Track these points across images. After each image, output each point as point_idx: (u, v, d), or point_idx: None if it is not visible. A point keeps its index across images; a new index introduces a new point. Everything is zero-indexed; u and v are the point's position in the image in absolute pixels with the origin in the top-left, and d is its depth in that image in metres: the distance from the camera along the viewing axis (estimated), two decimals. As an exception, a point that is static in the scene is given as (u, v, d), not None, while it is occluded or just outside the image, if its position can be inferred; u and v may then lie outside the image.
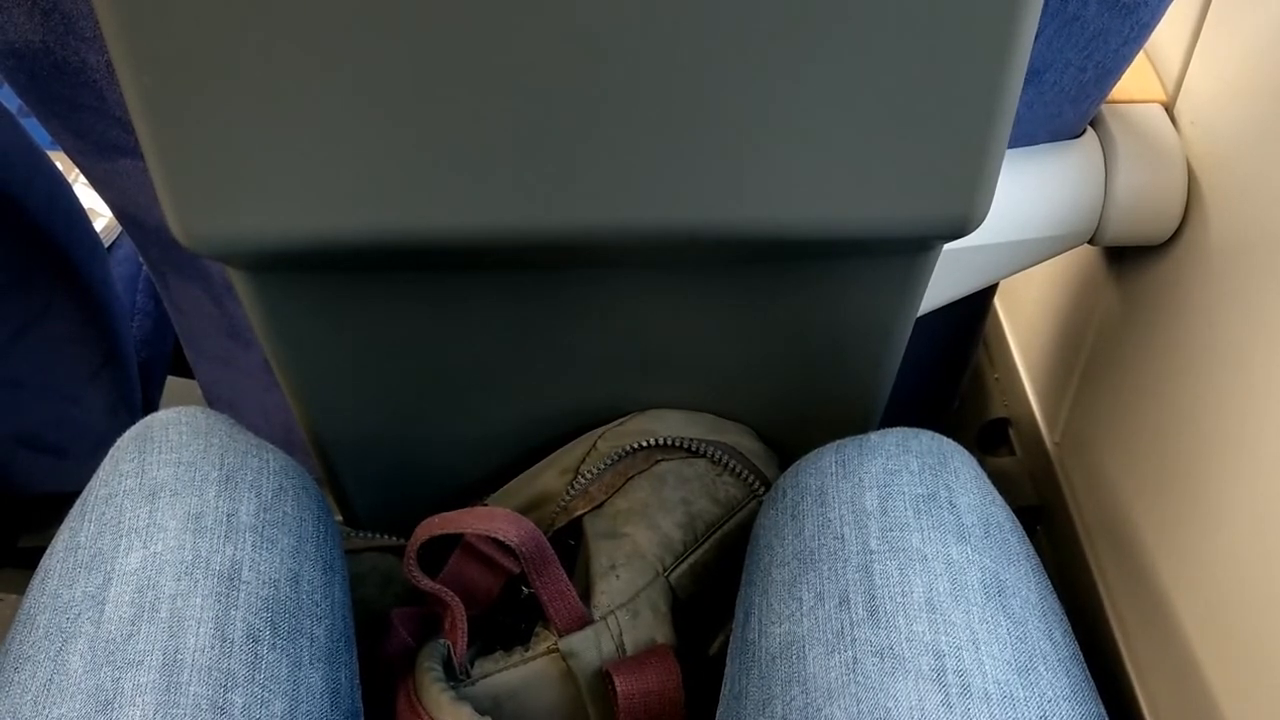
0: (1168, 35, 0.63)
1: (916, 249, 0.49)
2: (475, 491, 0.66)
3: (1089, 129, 0.61)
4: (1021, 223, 0.60)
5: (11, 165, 0.64)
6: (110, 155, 0.54)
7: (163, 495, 0.49)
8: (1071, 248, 0.63)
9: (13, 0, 0.44)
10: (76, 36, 0.45)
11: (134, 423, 0.53)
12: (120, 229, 0.87)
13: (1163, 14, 0.51)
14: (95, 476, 0.51)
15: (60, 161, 0.75)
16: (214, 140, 0.41)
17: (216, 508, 0.49)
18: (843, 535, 0.49)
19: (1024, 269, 0.63)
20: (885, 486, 0.50)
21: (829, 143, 0.42)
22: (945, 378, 0.82)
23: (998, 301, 0.97)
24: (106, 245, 0.85)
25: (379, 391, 0.58)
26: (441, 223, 0.44)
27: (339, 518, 0.68)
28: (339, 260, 0.47)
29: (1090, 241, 0.63)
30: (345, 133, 0.41)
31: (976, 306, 0.76)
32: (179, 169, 0.41)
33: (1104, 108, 0.61)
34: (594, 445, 0.63)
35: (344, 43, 0.39)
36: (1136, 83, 0.64)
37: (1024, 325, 0.92)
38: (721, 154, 0.42)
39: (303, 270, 0.49)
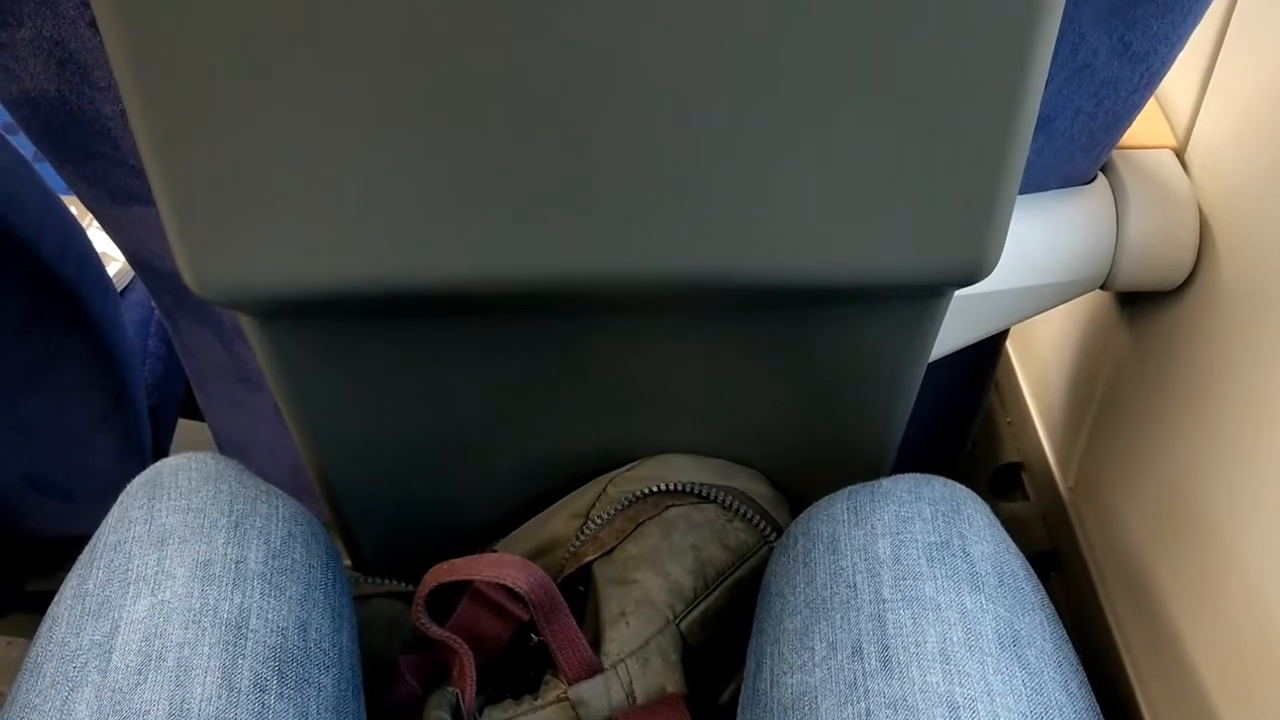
0: (1178, 81, 0.63)
1: (928, 295, 0.49)
2: (484, 536, 0.66)
3: (1100, 174, 0.61)
4: (1033, 268, 0.59)
5: (25, 210, 0.65)
6: (124, 202, 0.54)
7: (171, 542, 0.48)
8: (1084, 293, 0.63)
9: (29, 50, 0.44)
10: (91, 86, 0.46)
11: (144, 466, 0.53)
12: (133, 273, 0.87)
13: (1173, 62, 0.51)
14: (104, 523, 0.51)
15: (74, 206, 0.76)
16: (226, 189, 0.41)
17: (225, 555, 0.48)
18: (855, 584, 0.49)
19: (1036, 314, 0.63)
20: (898, 534, 0.50)
21: (840, 190, 0.42)
22: (958, 422, 0.81)
23: (1010, 345, 0.97)
24: (119, 289, 0.85)
25: (388, 436, 0.58)
26: (451, 271, 0.44)
27: (347, 562, 0.67)
28: (349, 307, 0.47)
29: (1102, 287, 0.63)
30: (355, 182, 0.41)
31: (988, 350, 0.76)
32: (191, 217, 0.41)
33: (1115, 153, 0.61)
34: (604, 490, 0.62)
35: (354, 95, 0.39)
36: (1147, 128, 0.64)
37: (1036, 369, 0.91)
38: (732, 203, 0.42)
39: (312, 316, 0.49)
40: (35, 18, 0.42)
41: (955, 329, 0.61)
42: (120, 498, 0.52)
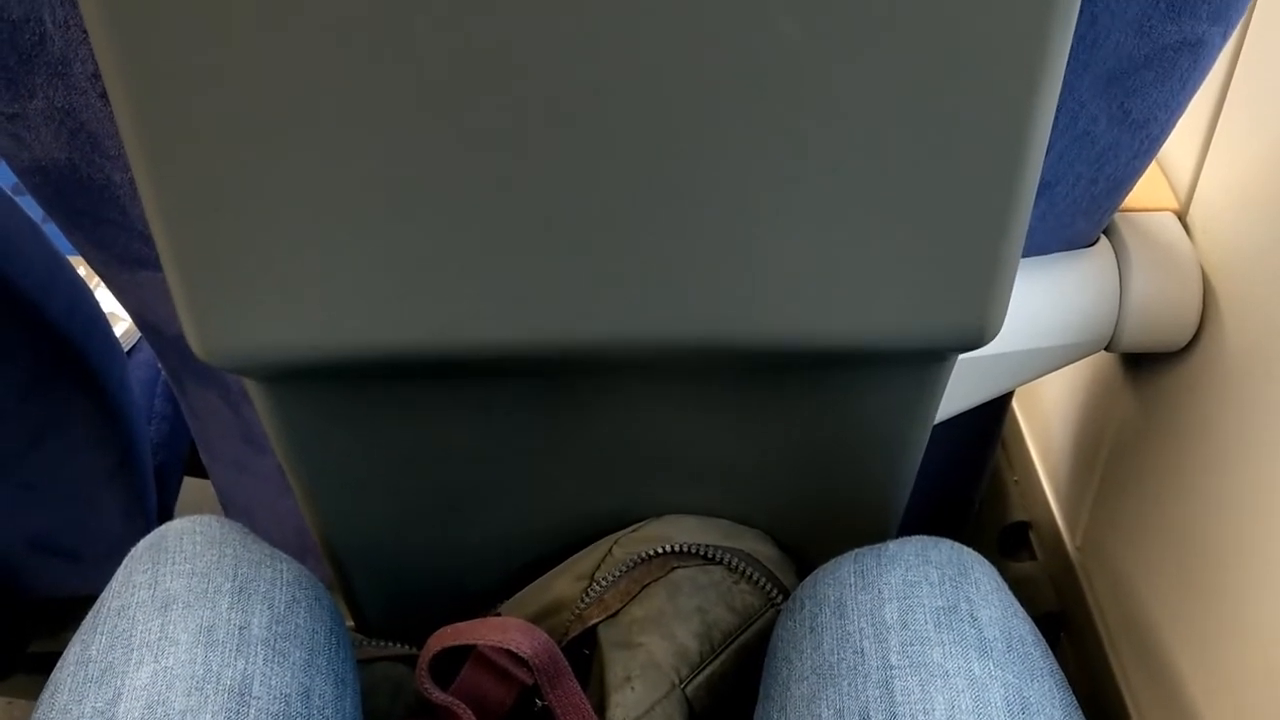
0: (1178, 144, 0.64)
1: (932, 360, 0.49)
2: (489, 597, 0.66)
3: (1102, 237, 0.61)
4: (1037, 331, 0.60)
5: (33, 271, 0.65)
6: (131, 267, 0.54)
7: (175, 607, 0.48)
8: (1088, 355, 0.63)
9: (41, 120, 0.45)
10: (102, 154, 0.46)
11: (149, 526, 0.53)
12: (140, 334, 0.88)
13: (1173, 128, 0.51)
14: (109, 587, 0.51)
15: (81, 266, 0.76)
16: (233, 257, 0.41)
17: (229, 620, 0.48)
18: (862, 650, 0.48)
19: (1040, 376, 0.63)
20: (905, 599, 0.50)
21: (842, 256, 0.42)
22: (964, 481, 0.81)
23: (1015, 403, 0.97)
24: (126, 349, 0.85)
25: (392, 498, 0.58)
26: (455, 337, 0.44)
27: (350, 623, 0.67)
28: (354, 371, 0.47)
29: (1107, 348, 0.63)
30: (360, 250, 0.41)
31: (994, 410, 0.75)
32: (198, 285, 0.42)
33: (1117, 216, 0.62)
34: (609, 551, 0.62)
35: (359, 165, 0.39)
36: (1149, 191, 0.64)
37: (1042, 427, 0.91)
38: (735, 269, 0.43)
39: (317, 380, 0.50)
40: (47, 89, 0.43)
41: (960, 392, 0.61)
42: (125, 561, 0.52)
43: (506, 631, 0.56)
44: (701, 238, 0.42)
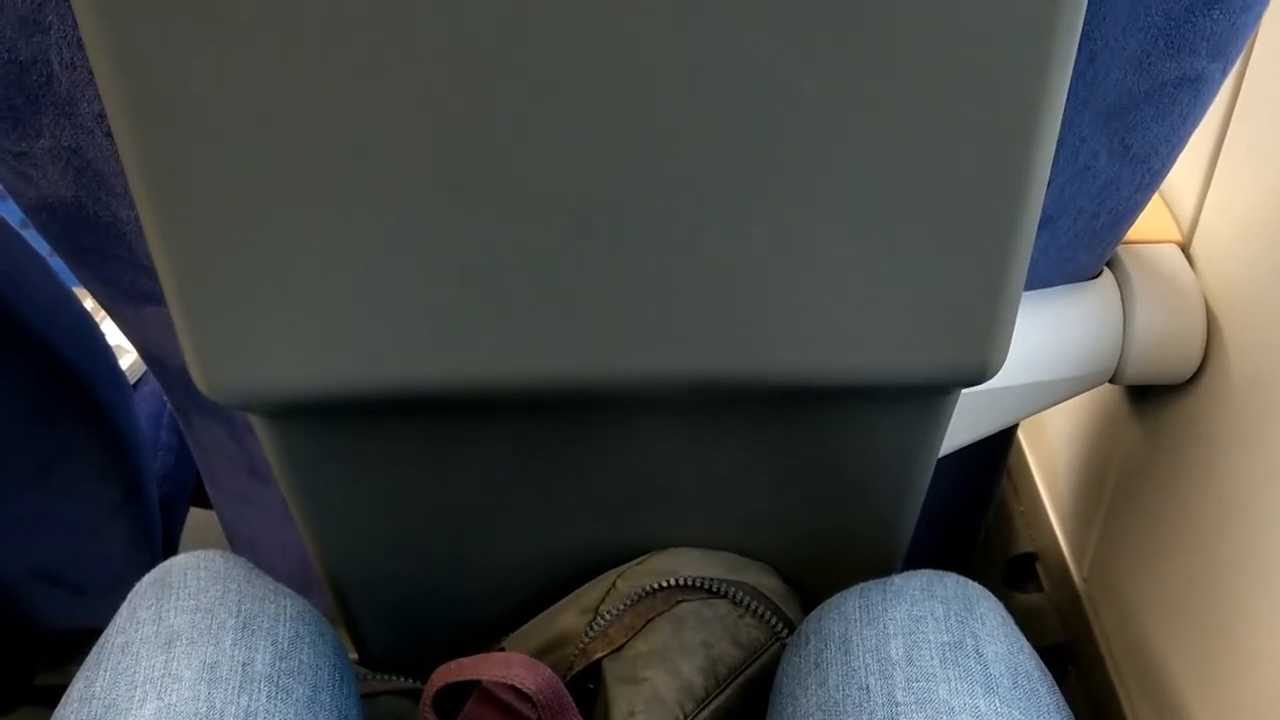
0: (1181, 176, 0.64)
1: (935, 394, 0.49)
2: (493, 630, 0.65)
3: (1105, 269, 0.61)
4: (1041, 364, 0.60)
5: (39, 305, 0.65)
6: (137, 302, 0.54)
7: (179, 644, 0.48)
8: (1092, 387, 0.63)
9: (48, 159, 0.45)
10: (108, 192, 0.46)
11: (154, 558, 0.53)
12: (146, 366, 0.88)
13: (1174, 162, 0.51)
14: (113, 623, 0.51)
15: (87, 299, 0.77)
16: (238, 295, 0.41)
17: (232, 656, 0.48)
18: (868, 686, 0.48)
19: (1045, 409, 0.63)
20: (910, 634, 0.49)
21: (845, 292, 0.42)
22: (971, 512, 0.81)
23: (1021, 433, 0.97)
24: (132, 381, 0.85)
25: (396, 532, 0.58)
26: (461, 373, 0.44)
27: (354, 655, 0.67)
28: (358, 407, 0.47)
29: (1111, 380, 0.63)
30: (366, 287, 0.42)
31: (1000, 441, 0.75)
32: (203, 322, 0.42)
33: (1120, 248, 0.62)
34: (613, 584, 0.62)
35: (364, 202, 0.39)
36: (1152, 223, 0.64)
37: (1048, 458, 0.91)
38: (738, 305, 0.43)
39: (321, 415, 0.50)
40: (54, 128, 0.43)
41: (964, 425, 0.61)
42: (129, 597, 0.52)
43: (510, 667, 0.56)
44: (704, 274, 0.42)
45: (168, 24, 0.35)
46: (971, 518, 0.82)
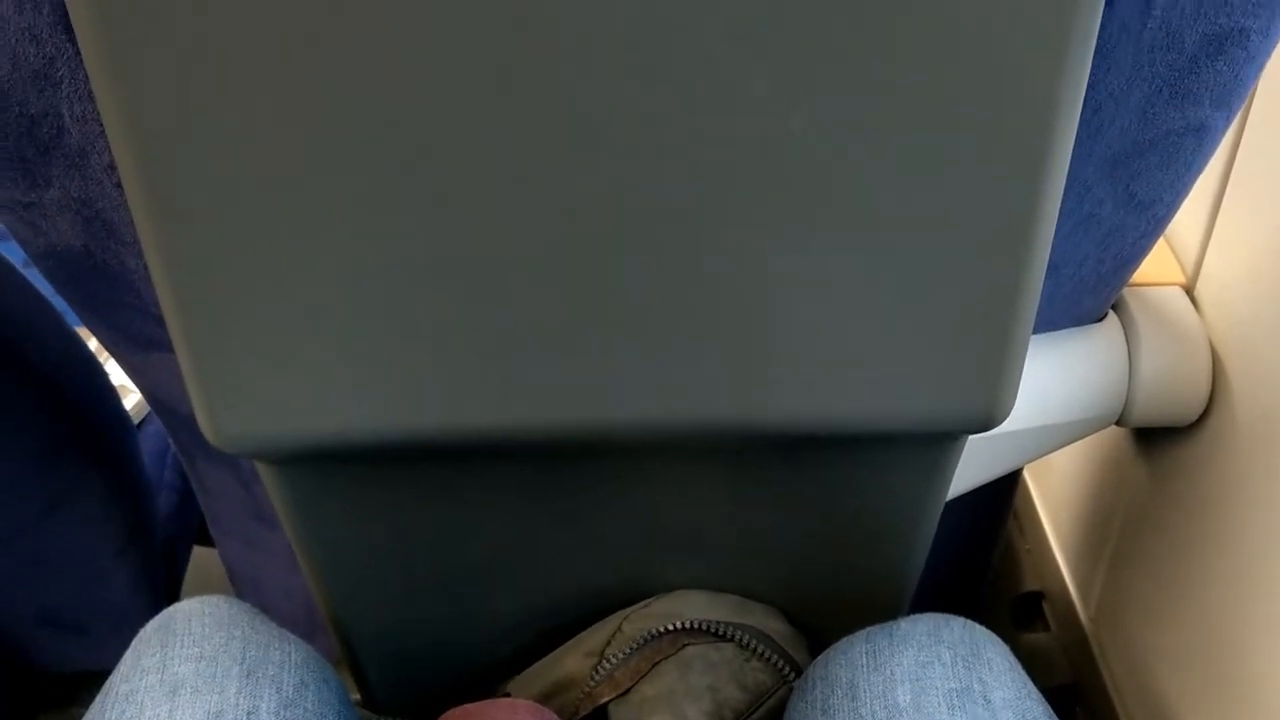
0: (1185, 219, 0.64)
1: (942, 440, 0.49)
2: (497, 673, 0.65)
3: (1111, 312, 0.62)
4: (1047, 408, 0.60)
5: (46, 347, 0.66)
6: (145, 348, 0.55)
7: (183, 692, 0.48)
8: (1098, 430, 0.63)
9: (57, 209, 0.45)
10: (117, 241, 0.47)
11: (157, 600, 0.53)
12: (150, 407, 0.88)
13: (1178, 208, 0.52)
14: (117, 670, 0.51)
15: (91, 339, 0.77)
16: (246, 345, 0.41)
17: (237, 705, 0.48)
18: (875, 733, 0.48)
19: (1051, 452, 0.63)
20: (917, 680, 0.49)
21: (851, 339, 0.42)
22: (977, 551, 0.81)
23: (1027, 472, 0.96)
24: (136, 421, 0.86)
25: (401, 576, 0.58)
26: (465, 421, 0.44)
27: (356, 696, 0.66)
28: (365, 454, 0.47)
29: (1117, 423, 0.63)
30: (373, 337, 0.42)
31: (1006, 480, 0.75)
32: (212, 372, 0.42)
33: (1125, 291, 0.62)
34: (619, 628, 0.62)
35: (370, 257, 0.40)
36: (1156, 265, 0.64)
37: (1054, 496, 0.91)
38: (745, 351, 0.43)
39: (328, 462, 0.50)
40: (64, 179, 0.44)
41: (970, 469, 0.61)
42: (133, 643, 0.52)
43: (516, 713, 0.56)
44: (708, 322, 0.42)
45: (179, 81, 0.36)
46: (978, 556, 0.82)
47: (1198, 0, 0.40)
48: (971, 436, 0.51)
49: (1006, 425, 0.58)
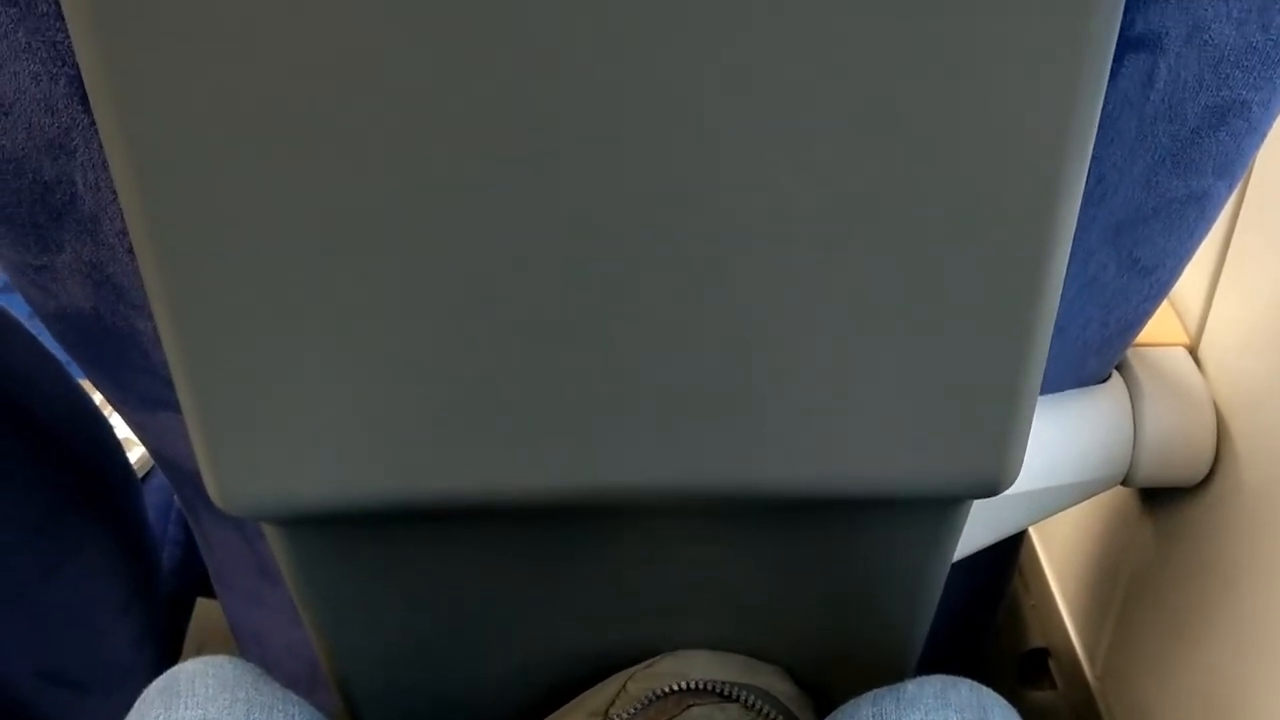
0: (1188, 279, 0.64)
1: (949, 504, 0.49)
2: (502, 732, 0.65)
3: (1115, 373, 0.62)
4: (1052, 470, 0.60)
5: (53, 406, 0.66)
6: (152, 407, 0.55)
7: (186, 756, 0.48)
8: (1104, 490, 0.63)
9: (68, 272, 0.45)
10: (126, 304, 0.47)
11: (159, 656, 0.52)
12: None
13: (1181, 272, 0.52)
14: None
15: (96, 393, 0.77)
16: (255, 410, 0.42)
17: (240, 768, 0.48)
18: (882, 800, 0.47)
19: (1057, 513, 0.63)
20: (925, 745, 0.49)
21: (858, 406, 0.43)
22: (981, 609, 0.80)
23: (1031, 527, 0.96)
24: (140, 475, 0.85)
25: (405, 634, 0.58)
26: (471, 485, 0.44)
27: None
28: (371, 517, 0.47)
29: (1123, 483, 0.63)
30: (381, 403, 0.42)
31: (1011, 539, 0.75)
32: (220, 437, 0.42)
33: (1129, 352, 0.62)
34: (623, 687, 0.61)
35: (378, 319, 0.40)
36: (1159, 325, 0.65)
37: (1059, 553, 0.90)
38: (749, 415, 0.43)
39: (333, 523, 0.50)
40: (76, 244, 0.44)
41: (975, 531, 0.61)
42: (137, 704, 0.51)
43: (520, 775, 0.55)
44: (712, 387, 0.42)
45: (193, 152, 0.36)
46: (982, 614, 0.81)
47: (1199, 73, 0.41)
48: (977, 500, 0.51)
49: (1012, 487, 0.58)
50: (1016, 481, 0.50)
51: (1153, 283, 0.51)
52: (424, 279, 0.39)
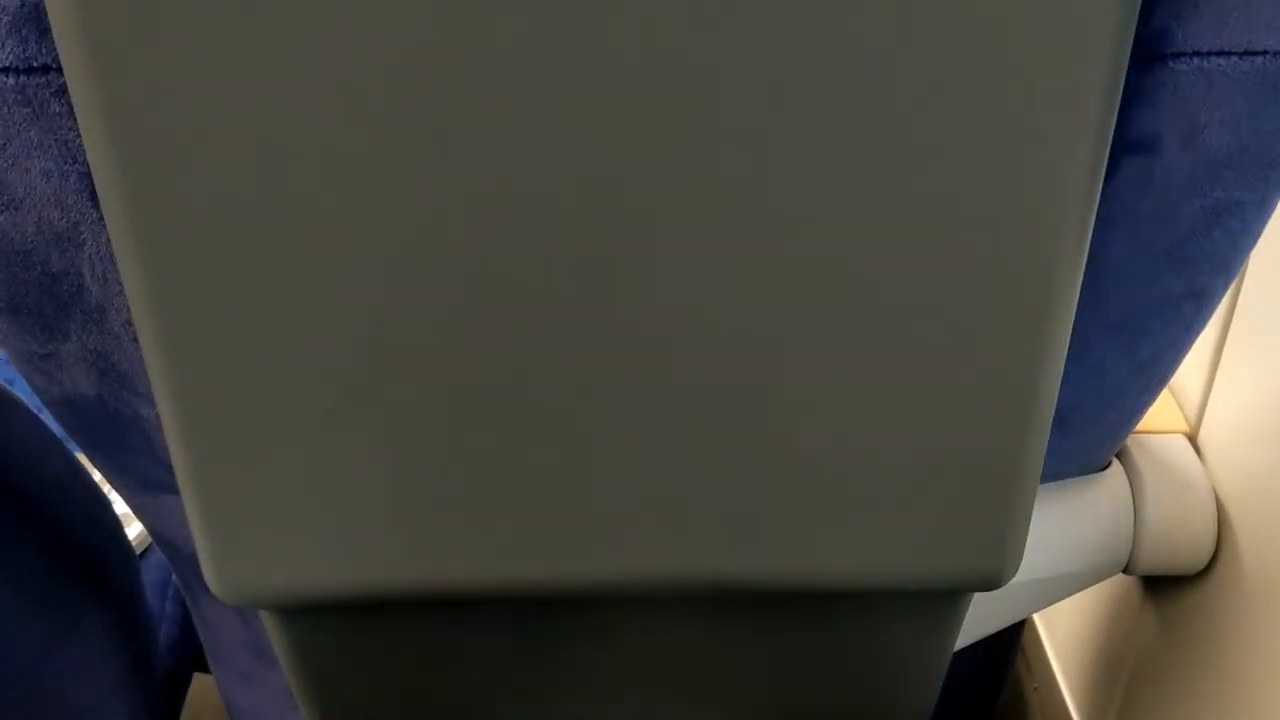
0: (1187, 367, 0.65)
1: (949, 596, 0.49)
2: (498, 817, 0.64)
3: (1114, 460, 0.62)
4: (1053, 559, 0.59)
5: (52, 485, 0.66)
6: (154, 491, 0.55)
7: None
8: (1105, 579, 0.63)
9: (73, 361, 0.46)
10: (131, 391, 0.47)
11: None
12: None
13: (1180, 363, 0.52)
14: None
15: (95, 470, 0.77)
16: (255, 501, 0.42)
17: None
18: None
19: (1058, 601, 0.63)
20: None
21: (857, 500, 0.43)
22: (984, 693, 0.80)
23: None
24: (138, 551, 0.85)
25: (399, 718, 0.57)
26: (471, 575, 0.44)
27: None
28: (368, 606, 0.47)
29: (1124, 571, 0.62)
30: (380, 492, 0.42)
31: (1013, 625, 0.75)
32: (220, 529, 0.42)
33: (1129, 439, 0.62)
34: (621, 774, 0.61)
35: (379, 416, 0.40)
36: (1159, 413, 0.65)
37: (1062, 636, 0.90)
38: (747, 510, 0.43)
39: (329, 611, 0.50)
40: (81, 333, 0.44)
41: (977, 620, 0.61)
42: None
43: None
44: (711, 480, 0.42)
45: (199, 248, 0.36)
46: (986, 697, 0.81)
47: (1193, 175, 0.41)
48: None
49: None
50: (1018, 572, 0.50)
51: (1152, 375, 0.51)
52: (421, 376, 0.39)
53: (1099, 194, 0.37)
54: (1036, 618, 0.95)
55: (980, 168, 0.35)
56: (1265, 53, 0.38)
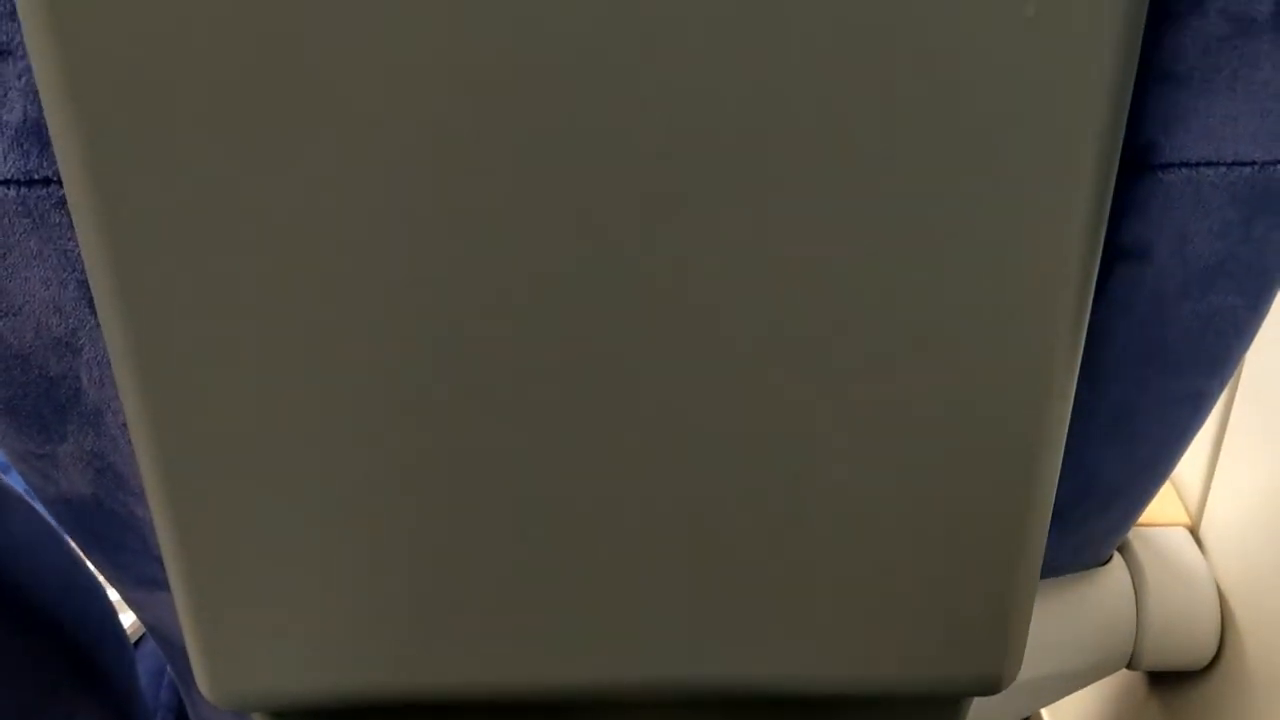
0: (1187, 460, 0.64)
1: (949, 700, 0.49)
2: None
3: (1116, 554, 0.61)
4: (1054, 656, 0.59)
5: (48, 583, 0.65)
6: (149, 587, 0.54)
7: None
8: (1107, 675, 0.62)
9: (69, 461, 0.46)
10: (126, 491, 0.47)
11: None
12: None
13: (1178, 462, 0.52)
14: None
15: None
16: (249, 606, 0.42)
17: None
18: None
19: (1061, 698, 0.62)
20: None
21: (852, 605, 0.42)
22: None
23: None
24: (133, 640, 0.84)
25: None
26: (466, 679, 0.44)
27: None
28: (362, 709, 0.46)
29: (1128, 667, 0.62)
30: (374, 598, 0.42)
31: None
32: (212, 634, 0.42)
33: (1130, 532, 0.62)
34: None
35: (375, 516, 0.40)
36: (1160, 506, 0.64)
37: (1066, 724, 0.89)
38: (742, 614, 0.43)
39: (323, 715, 0.49)
40: (78, 435, 0.44)
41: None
42: None
43: None
44: (707, 585, 0.42)
45: (194, 355, 0.37)
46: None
47: (1185, 281, 0.42)
48: (978, 691, 0.50)
49: (1014, 676, 0.57)
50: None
51: (1150, 475, 0.51)
52: (416, 487, 0.40)
53: (1091, 299, 0.37)
54: (1044, 713, 0.93)
55: (976, 270, 0.36)
56: (1254, 163, 0.38)
